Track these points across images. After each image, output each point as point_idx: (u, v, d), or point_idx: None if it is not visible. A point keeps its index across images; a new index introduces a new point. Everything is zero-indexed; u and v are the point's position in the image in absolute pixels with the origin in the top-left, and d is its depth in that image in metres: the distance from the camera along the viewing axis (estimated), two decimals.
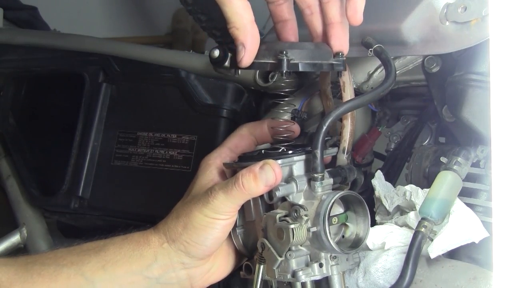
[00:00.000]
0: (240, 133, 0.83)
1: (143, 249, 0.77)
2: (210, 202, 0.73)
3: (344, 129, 0.82)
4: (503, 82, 0.58)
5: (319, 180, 0.73)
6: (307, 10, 0.77)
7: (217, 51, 1.03)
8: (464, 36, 0.76)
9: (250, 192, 0.73)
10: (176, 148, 1.07)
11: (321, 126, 0.72)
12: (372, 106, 1.00)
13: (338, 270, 0.74)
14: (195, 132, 1.06)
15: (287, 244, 0.71)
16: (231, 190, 0.73)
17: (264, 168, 0.72)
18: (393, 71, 0.74)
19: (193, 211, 0.75)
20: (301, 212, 0.71)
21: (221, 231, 0.75)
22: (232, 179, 0.73)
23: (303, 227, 0.71)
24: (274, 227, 0.73)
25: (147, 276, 0.77)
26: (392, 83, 0.74)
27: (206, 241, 0.75)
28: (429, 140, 1.01)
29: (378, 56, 0.76)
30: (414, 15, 0.79)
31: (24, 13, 1.71)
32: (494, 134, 0.58)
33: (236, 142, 0.83)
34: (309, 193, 0.74)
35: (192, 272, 0.78)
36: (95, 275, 0.76)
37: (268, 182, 0.72)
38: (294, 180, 0.74)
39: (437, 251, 0.74)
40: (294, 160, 0.75)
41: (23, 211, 1.26)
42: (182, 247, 0.76)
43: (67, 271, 0.75)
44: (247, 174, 0.72)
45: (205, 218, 0.74)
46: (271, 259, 0.73)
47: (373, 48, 0.76)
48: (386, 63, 0.76)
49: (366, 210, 0.75)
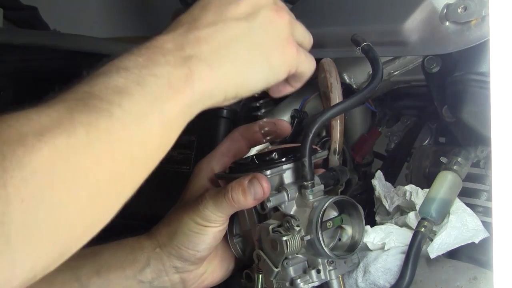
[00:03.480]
0: (232, 137, 0.83)
1: (136, 253, 0.77)
2: (201, 210, 0.74)
3: (334, 130, 0.82)
4: (503, 82, 0.58)
5: (310, 188, 0.72)
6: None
7: None
8: (464, 36, 0.76)
9: (239, 205, 0.73)
10: (176, 148, 1.06)
11: (307, 134, 0.70)
12: (371, 106, 1.00)
13: (337, 274, 0.74)
14: (195, 132, 1.06)
15: (282, 255, 0.71)
16: (221, 202, 0.73)
17: (252, 183, 0.72)
18: (380, 71, 0.72)
19: (184, 217, 0.75)
20: (293, 223, 0.71)
21: (212, 237, 0.75)
22: (223, 191, 0.73)
23: (296, 237, 0.71)
24: (267, 238, 0.73)
25: (140, 280, 0.77)
26: (378, 83, 0.72)
27: (197, 247, 0.75)
28: (429, 140, 1.01)
29: (366, 54, 0.74)
30: (415, 15, 0.79)
31: (24, 13, 1.71)
32: (494, 134, 0.58)
33: (228, 146, 0.82)
34: (301, 200, 0.73)
35: (185, 276, 0.78)
36: (90, 281, 0.76)
37: (257, 196, 0.72)
38: (285, 189, 0.73)
39: (437, 251, 0.74)
40: (283, 169, 0.74)
41: None
42: (174, 252, 0.76)
43: (62, 276, 0.76)
44: (237, 187, 0.72)
45: (195, 225, 0.74)
46: (268, 270, 0.73)
47: (360, 46, 0.75)
48: (374, 62, 0.73)
49: (360, 213, 0.74)
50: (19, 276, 0.45)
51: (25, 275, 0.45)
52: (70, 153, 0.47)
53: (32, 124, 0.46)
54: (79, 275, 0.76)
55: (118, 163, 0.50)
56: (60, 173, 0.46)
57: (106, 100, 0.50)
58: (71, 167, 0.47)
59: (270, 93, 0.72)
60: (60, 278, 0.76)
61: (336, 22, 0.87)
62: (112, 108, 0.50)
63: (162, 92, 0.54)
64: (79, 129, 0.48)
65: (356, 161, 1.00)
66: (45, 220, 0.45)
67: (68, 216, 0.47)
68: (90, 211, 0.49)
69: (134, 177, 0.53)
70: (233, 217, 0.79)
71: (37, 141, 0.45)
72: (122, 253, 0.78)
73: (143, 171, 0.54)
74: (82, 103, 0.49)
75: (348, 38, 0.78)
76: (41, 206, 0.45)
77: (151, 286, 0.77)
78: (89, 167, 0.48)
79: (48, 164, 0.45)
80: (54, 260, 0.48)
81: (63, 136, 0.47)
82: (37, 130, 0.46)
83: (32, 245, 0.45)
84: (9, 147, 0.44)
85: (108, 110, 0.50)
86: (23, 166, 0.44)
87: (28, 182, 0.44)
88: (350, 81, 0.94)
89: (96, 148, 0.48)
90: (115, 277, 0.77)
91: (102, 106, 0.50)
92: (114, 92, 0.51)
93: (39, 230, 0.45)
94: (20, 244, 0.44)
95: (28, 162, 0.44)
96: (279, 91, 0.72)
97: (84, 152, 0.48)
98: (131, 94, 0.52)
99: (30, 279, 0.46)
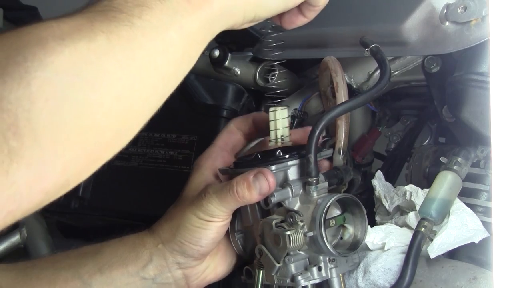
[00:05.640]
0: (228, 130, 0.83)
1: (138, 250, 0.77)
2: (204, 205, 0.73)
3: (339, 129, 0.82)
4: (503, 82, 0.58)
5: (314, 184, 0.73)
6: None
7: (217, 51, 1.03)
8: (464, 36, 0.76)
9: (244, 200, 0.73)
10: (176, 148, 1.07)
11: (313, 131, 0.71)
12: (372, 106, 1.00)
13: (338, 272, 0.74)
14: (195, 132, 1.06)
15: (284, 250, 0.71)
16: (225, 197, 0.73)
17: (257, 177, 0.72)
18: (388, 72, 0.73)
19: (187, 212, 0.75)
20: (296, 218, 0.71)
21: (215, 232, 0.75)
22: (227, 185, 0.73)
23: (299, 232, 0.71)
24: (270, 233, 0.73)
25: (143, 276, 0.77)
26: (386, 84, 0.73)
27: (200, 242, 0.75)
28: (429, 140, 1.01)
29: (374, 56, 0.75)
30: (415, 15, 0.79)
31: (24, 13, 1.71)
32: (494, 134, 0.58)
33: (226, 140, 0.83)
34: (304, 197, 0.74)
35: (188, 271, 0.78)
36: (92, 278, 0.76)
37: (262, 191, 0.72)
38: (289, 185, 0.74)
39: (437, 251, 0.74)
40: (288, 165, 0.75)
41: None
42: (177, 247, 0.76)
43: (65, 274, 0.76)
44: (242, 182, 0.72)
45: (198, 220, 0.74)
46: (269, 265, 0.73)
47: (369, 48, 0.76)
48: (382, 63, 0.75)
49: (363, 212, 0.74)
50: (50, 176, 0.45)
51: (57, 177, 0.46)
52: (92, 56, 0.47)
53: (52, 30, 0.46)
54: (81, 273, 0.76)
55: (142, 70, 0.51)
56: (82, 74, 0.46)
57: (126, 12, 0.50)
58: (93, 69, 0.47)
59: (283, 24, 0.72)
60: (62, 276, 0.76)
61: (336, 22, 0.87)
62: (133, 19, 0.50)
63: (181, 7, 0.54)
64: (99, 35, 0.48)
65: (356, 161, 1.00)
66: (72, 120, 0.45)
67: (94, 117, 0.47)
68: (116, 116, 0.49)
69: (159, 88, 0.54)
70: (235, 213, 0.79)
71: (57, 44, 0.45)
72: (124, 250, 0.78)
73: (168, 83, 0.55)
74: (102, 14, 0.50)
75: (348, 38, 0.78)
76: (66, 105, 0.45)
77: (153, 282, 0.77)
78: (111, 71, 0.48)
79: (70, 65, 0.45)
80: (85, 166, 0.48)
81: (84, 41, 0.47)
82: (57, 35, 0.46)
83: (61, 144, 0.45)
84: (29, 50, 0.44)
85: (128, 20, 0.50)
86: (45, 67, 0.44)
87: (51, 82, 0.44)
88: (350, 81, 0.94)
89: (118, 53, 0.49)
90: (118, 274, 0.76)
91: (122, 17, 0.50)
92: (134, 6, 0.52)
93: (66, 130, 0.45)
94: (49, 141, 0.44)
95: (50, 62, 0.44)
96: (291, 22, 0.71)
97: (106, 57, 0.48)
98: (151, 8, 0.52)
99: (63, 184, 0.47)
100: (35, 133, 0.43)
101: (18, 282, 0.75)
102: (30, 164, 0.43)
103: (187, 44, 0.55)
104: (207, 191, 0.74)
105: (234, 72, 1.04)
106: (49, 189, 0.45)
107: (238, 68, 1.04)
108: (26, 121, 0.43)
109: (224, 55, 1.03)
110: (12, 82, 0.43)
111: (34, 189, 0.44)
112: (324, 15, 0.71)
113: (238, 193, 0.72)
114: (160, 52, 0.52)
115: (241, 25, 0.64)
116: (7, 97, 0.42)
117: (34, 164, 0.43)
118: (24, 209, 0.45)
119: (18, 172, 0.43)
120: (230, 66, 1.03)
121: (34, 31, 0.46)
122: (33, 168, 0.43)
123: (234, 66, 1.04)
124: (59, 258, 0.79)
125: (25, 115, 0.43)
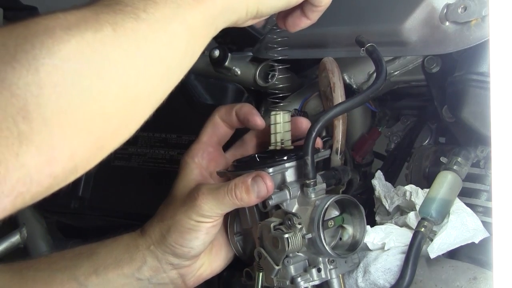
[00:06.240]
0: (213, 122, 0.83)
1: (132, 252, 0.77)
2: (197, 205, 0.73)
3: (336, 130, 0.82)
4: (503, 82, 0.58)
5: (312, 186, 0.72)
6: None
7: (217, 51, 1.03)
8: (464, 36, 0.76)
9: (242, 203, 0.73)
10: (176, 148, 1.07)
11: (310, 132, 0.71)
12: (371, 106, 1.00)
13: (337, 273, 0.74)
14: (195, 132, 1.06)
15: (283, 252, 0.71)
16: (223, 198, 0.72)
17: (256, 180, 0.72)
18: (384, 71, 0.73)
19: (178, 213, 0.75)
20: (294, 221, 0.71)
21: (207, 233, 0.75)
22: (224, 187, 0.73)
23: (297, 235, 0.71)
24: (269, 236, 0.73)
25: (138, 277, 0.77)
26: (382, 84, 0.73)
27: (191, 244, 0.75)
28: (429, 140, 1.01)
29: (370, 55, 0.75)
30: (415, 15, 0.79)
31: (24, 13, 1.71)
32: (494, 134, 0.58)
33: (211, 133, 0.82)
34: (302, 199, 0.74)
35: (183, 271, 0.78)
36: (88, 280, 0.76)
37: (260, 194, 0.72)
38: (287, 187, 0.74)
39: (437, 251, 0.74)
40: (286, 167, 0.75)
41: (23, 211, 1.26)
42: (168, 250, 0.76)
43: (61, 276, 0.76)
44: (240, 185, 0.72)
45: (189, 221, 0.74)
46: (269, 268, 0.73)
47: (365, 47, 0.75)
48: (378, 62, 0.74)
49: (361, 212, 0.74)
50: (59, 161, 0.46)
51: (65, 162, 0.47)
52: (98, 46, 0.48)
53: (59, 21, 0.48)
54: (77, 274, 0.76)
55: (147, 60, 0.52)
56: (89, 62, 0.47)
57: (131, 6, 0.52)
58: (99, 58, 0.48)
59: (287, 27, 0.72)
60: (58, 278, 0.76)
61: (336, 22, 0.87)
62: (138, 12, 0.52)
63: (184, 2, 0.55)
64: (105, 26, 0.49)
65: (356, 161, 1.00)
66: (79, 106, 0.46)
67: (101, 104, 0.48)
68: (122, 104, 0.50)
69: (164, 79, 0.55)
70: (235, 215, 0.79)
71: (64, 33, 0.47)
72: (118, 251, 0.78)
73: (172, 75, 0.56)
74: (108, 7, 0.51)
75: (348, 38, 0.78)
76: (74, 92, 0.46)
77: (150, 283, 0.77)
78: (118, 60, 0.49)
79: (77, 53, 0.47)
80: (92, 152, 0.49)
81: (90, 31, 0.48)
82: (64, 25, 0.47)
83: (69, 129, 0.46)
84: (37, 38, 0.45)
85: (133, 13, 0.51)
86: (53, 54, 0.45)
87: (59, 69, 0.45)
88: (350, 81, 0.94)
89: (124, 43, 0.50)
90: (114, 275, 0.77)
91: (127, 10, 0.51)
92: (138, 0, 0.53)
93: (74, 116, 0.46)
94: (57, 126, 0.45)
95: (57, 50, 0.46)
96: (295, 24, 0.72)
97: (112, 46, 0.49)
98: (155, 2, 0.53)
99: (71, 170, 0.48)
100: (44, 118, 0.44)
101: (14, 285, 0.75)
102: (40, 148, 0.44)
103: (191, 37, 0.56)
104: (201, 192, 0.73)
105: (234, 72, 1.04)
106: (58, 173, 0.46)
107: (238, 68, 1.04)
108: (35, 105, 0.44)
109: (224, 55, 1.03)
110: (21, 68, 0.44)
111: (43, 173, 0.45)
112: (324, 15, 0.71)
113: (237, 195, 0.72)
114: (165, 44, 0.53)
115: (244, 21, 0.64)
116: (16, 82, 0.43)
117: (44, 148, 0.44)
118: (34, 192, 0.45)
119: (27, 154, 0.43)
120: (230, 66, 1.03)
121: (42, 22, 0.47)
122: (42, 152, 0.44)
123: (234, 66, 1.04)
124: (55, 259, 0.79)
125: (34, 100, 0.44)
